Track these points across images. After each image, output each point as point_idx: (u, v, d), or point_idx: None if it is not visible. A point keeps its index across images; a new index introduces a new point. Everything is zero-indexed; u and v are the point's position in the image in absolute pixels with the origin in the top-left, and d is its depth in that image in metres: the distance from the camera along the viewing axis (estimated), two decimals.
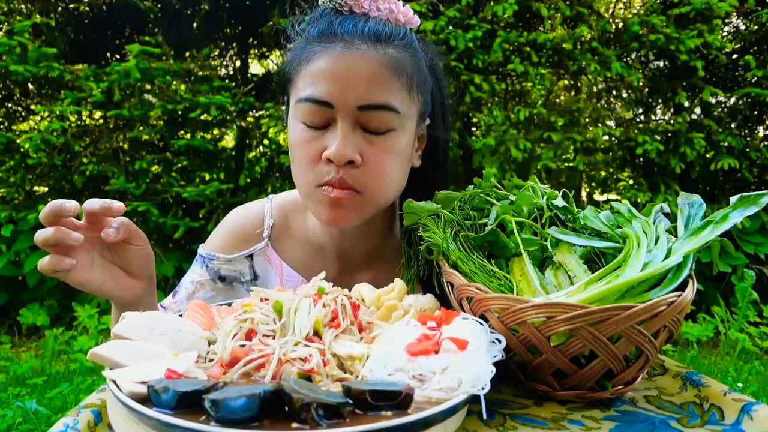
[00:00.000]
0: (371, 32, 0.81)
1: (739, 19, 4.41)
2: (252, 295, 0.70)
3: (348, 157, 0.78)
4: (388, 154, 0.83)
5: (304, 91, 0.81)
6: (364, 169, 0.81)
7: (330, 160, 0.79)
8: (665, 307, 0.58)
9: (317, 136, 0.81)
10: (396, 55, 0.82)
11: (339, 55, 0.79)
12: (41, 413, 2.25)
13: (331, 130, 0.81)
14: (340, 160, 0.79)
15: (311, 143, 0.81)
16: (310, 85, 0.80)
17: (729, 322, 3.50)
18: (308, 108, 0.80)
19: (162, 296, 4.05)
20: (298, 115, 0.83)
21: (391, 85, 0.80)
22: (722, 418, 0.60)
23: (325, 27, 0.83)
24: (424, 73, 0.87)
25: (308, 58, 0.82)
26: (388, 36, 0.82)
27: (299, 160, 0.84)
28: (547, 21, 4.07)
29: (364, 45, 0.80)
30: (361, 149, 0.80)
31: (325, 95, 0.79)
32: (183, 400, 0.48)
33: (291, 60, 0.86)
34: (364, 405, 0.49)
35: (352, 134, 0.80)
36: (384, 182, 0.84)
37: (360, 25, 0.82)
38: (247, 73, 5.14)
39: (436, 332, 0.60)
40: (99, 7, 4.80)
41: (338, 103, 0.79)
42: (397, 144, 0.83)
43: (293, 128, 0.84)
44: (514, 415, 0.61)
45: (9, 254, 3.81)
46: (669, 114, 4.54)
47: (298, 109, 0.82)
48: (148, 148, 4.27)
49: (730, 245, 0.71)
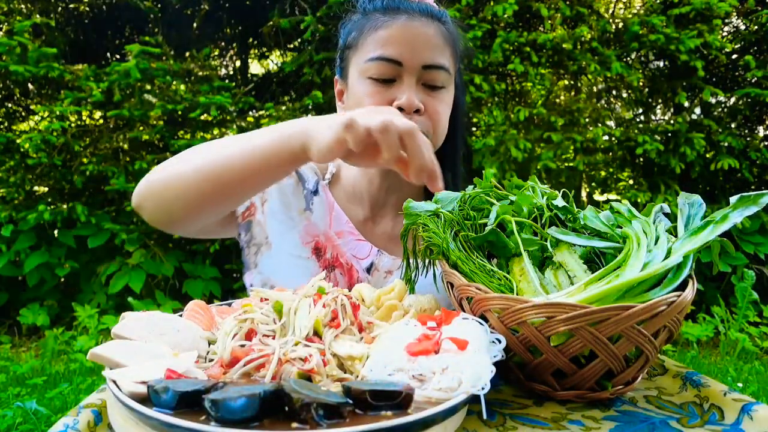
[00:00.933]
0: (427, 9, 0.99)
1: (739, 19, 4.41)
2: (252, 295, 0.71)
3: (416, 106, 0.94)
4: (443, 105, 1.00)
5: (374, 52, 0.96)
6: (426, 116, 0.97)
7: (401, 108, 0.94)
8: (665, 307, 0.58)
9: (385, 89, 0.96)
10: (444, 28, 1.00)
11: (405, 24, 0.96)
12: (41, 413, 2.25)
13: (397, 85, 0.96)
14: (410, 108, 0.94)
15: (380, 95, 0.96)
16: (381, 47, 0.95)
17: (729, 322, 3.50)
18: (379, 66, 0.95)
19: (162, 296, 4.05)
20: (367, 73, 0.97)
21: (444, 51, 0.98)
22: (722, 418, 0.60)
23: (389, 2, 1.00)
24: (459, 48, 1.06)
25: (375, 26, 0.97)
26: (438, 14, 1.01)
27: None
28: (547, 21, 4.07)
29: (423, 18, 0.97)
30: (423, 101, 0.96)
31: (396, 55, 0.94)
32: (183, 400, 0.48)
33: (353, 29, 1.02)
34: (364, 405, 0.49)
35: (416, 88, 0.96)
36: (440, 128, 1.01)
37: (416, 4, 0.99)
38: (247, 73, 5.14)
39: (436, 332, 0.60)
40: (99, 7, 4.80)
41: (407, 62, 0.95)
42: (447, 98, 1.01)
43: (360, 85, 0.98)
44: (514, 415, 0.61)
45: (9, 254, 3.81)
46: (669, 114, 4.54)
47: (368, 67, 0.96)
48: (148, 148, 4.27)
49: (730, 245, 0.71)
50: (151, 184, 0.91)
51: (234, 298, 2.13)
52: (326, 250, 1.05)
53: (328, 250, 1.05)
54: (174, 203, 0.88)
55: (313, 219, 1.07)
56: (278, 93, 4.86)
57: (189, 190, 0.86)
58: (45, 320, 3.77)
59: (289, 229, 1.06)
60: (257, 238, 1.06)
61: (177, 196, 0.87)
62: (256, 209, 1.06)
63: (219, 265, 4.16)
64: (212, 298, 3.93)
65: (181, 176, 0.87)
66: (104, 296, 3.85)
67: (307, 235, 1.06)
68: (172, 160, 0.91)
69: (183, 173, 0.87)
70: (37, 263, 3.76)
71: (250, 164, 0.82)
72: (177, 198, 0.87)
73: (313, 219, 1.07)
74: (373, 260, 1.06)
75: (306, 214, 1.08)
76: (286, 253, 1.05)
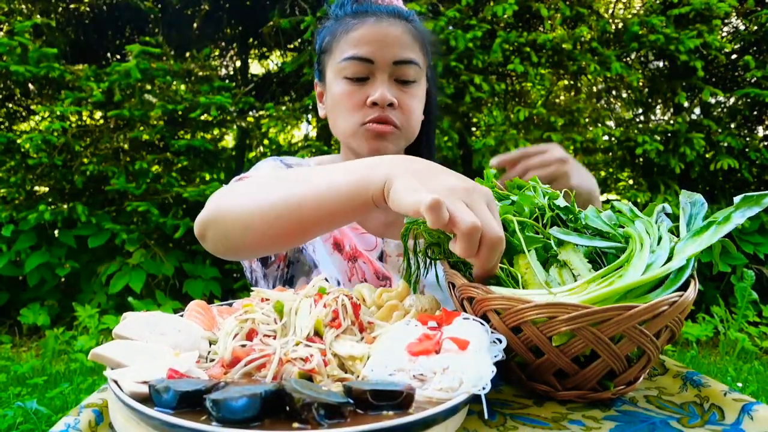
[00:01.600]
0: (394, 10, 1.05)
1: (739, 20, 4.41)
2: (252, 295, 0.71)
3: (389, 100, 0.99)
4: (415, 98, 1.05)
5: (347, 52, 1.01)
6: (399, 110, 1.02)
7: (375, 103, 0.99)
8: (667, 307, 0.58)
9: (359, 88, 1.01)
10: (412, 26, 1.05)
11: (373, 24, 1.01)
12: (42, 413, 2.25)
13: (370, 82, 1.01)
14: (383, 102, 0.99)
15: (355, 93, 1.01)
16: (353, 47, 1.01)
17: (728, 322, 3.50)
18: (352, 65, 1.00)
19: (162, 296, 4.05)
20: (342, 72, 1.02)
21: (413, 46, 1.03)
22: (722, 418, 0.60)
23: (357, 7, 1.06)
24: (427, 44, 1.10)
25: (347, 29, 1.03)
26: (405, 14, 1.07)
27: (346, 107, 1.02)
28: (547, 21, 4.08)
29: (391, 18, 1.03)
30: (396, 95, 1.01)
31: (368, 53, 1.00)
32: (184, 400, 0.48)
33: (326, 34, 1.08)
34: (365, 405, 0.49)
35: (389, 84, 1.01)
36: (412, 121, 1.05)
37: (384, 6, 1.06)
38: (247, 73, 5.14)
39: (436, 332, 0.60)
40: (99, 8, 4.81)
41: (377, 59, 1.00)
42: (419, 92, 1.06)
43: (336, 85, 1.03)
44: (515, 414, 0.61)
45: (9, 254, 3.81)
46: (669, 114, 4.54)
47: (343, 67, 1.02)
48: (148, 148, 4.27)
49: (731, 245, 0.71)
50: (216, 215, 0.83)
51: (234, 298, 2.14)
52: (344, 244, 1.07)
53: (345, 243, 1.07)
54: (240, 240, 0.81)
55: None
56: (278, 93, 4.87)
57: (256, 227, 0.78)
58: (45, 320, 3.77)
59: None
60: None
61: (244, 233, 0.80)
62: None
63: (219, 265, 4.17)
64: (212, 298, 3.94)
65: (250, 211, 0.79)
66: (104, 296, 3.85)
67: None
68: (238, 189, 0.84)
69: (251, 208, 0.79)
70: (37, 263, 3.76)
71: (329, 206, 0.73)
72: (244, 235, 0.80)
73: None
74: (382, 249, 1.09)
75: None
76: (318, 246, 1.08)
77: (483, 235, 0.60)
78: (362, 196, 0.69)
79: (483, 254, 0.61)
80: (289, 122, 4.24)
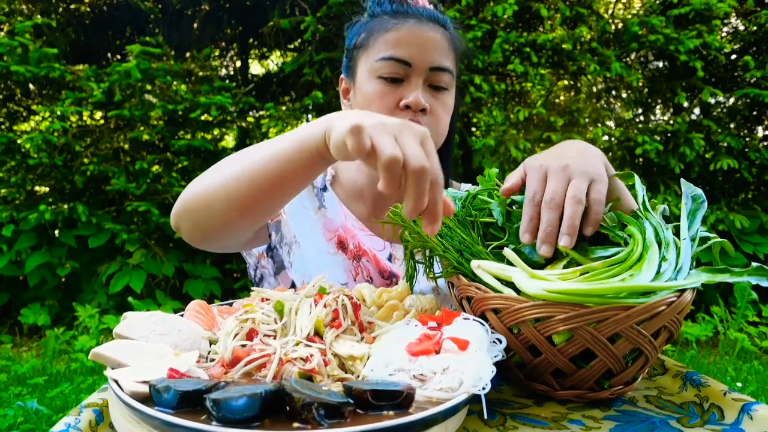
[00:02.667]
0: (432, 15, 1.04)
1: (738, 20, 4.41)
2: (253, 295, 0.71)
3: (423, 105, 0.98)
4: (445, 107, 1.05)
5: (385, 52, 1.00)
6: (430, 116, 1.01)
7: (407, 107, 0.98)
8: (665, 307, 0.59)
9: (393, 89, 1.00)
10: (448, 33, 1.05)
11: (414, 27, 1.00)
12: (42, 413, 2.25)
13: (405, 85, 1.00)
14: (417, 106, 0.98)
15: (389, 94, 1.00)
16: (391, 48, 0.99)
17: (728, 321, 3.50)
18: (390, 65, 0.99)
19: (162, 296, 4.05)
20: (377, 72, 1.00)
21: (449, 54, 1.03)
22: (722, 418, 0.61)
23: (398, 6, 1.04)
24: (460, 53, 1.11)
25: (386, 28, 1.01)
26: (443, 21, 1.06)
27: (377, 106, 1.00)
28: (547, 21, 4.08)
29: (431, 23, 1.02)
30: (428, 101, 1.00)
31: (406, 56, 0.99)
32: (184, 400, 0.48)
33: (362, 30, 1.06)
34: (365, 405, 0.49)
35: (423, 89, 1.00)
36: (440, 128, 1.05)
37: (422, 9, 1.05)
38: (248, 73, 5.14)
39: (436, 332, 0.61)
40: (100, 8, 4.81)
41: (416, 63, 0.99)
42: (450, 100, 1.06)
43: (369, 84, 1.01)
44: (515, 414, 0.61)
45: (10, 254, 3.81)
46: (668, 114, 4.54)
47: (379, 66, 1.00)
48: (148, 148, 4.27)
49: (730, 246, 0.71)
50: (184, 203, 0.85)
51: (234, 298, 2.14)
52: (348, 242, 1.07)
53: (349, 242, 1.07)
54: (208, 222, 0.83)
55: (329, 215, 1.10)
56: (278, 93, 4.87)
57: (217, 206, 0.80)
58: (46, 320, 3.77)
59: (311, 228, 1.08)
60: (287, 237, 1.08)
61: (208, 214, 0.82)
62: (281, 210, 1.07)
63: (219, 265, 4.17)
64: (213, 298, 3.94)
65: (211, 191, 0.81)
66: (105, 296, 3.85)
67: (327, 232, 1.08)
68: (204, 174, 0.86)
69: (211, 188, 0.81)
70: (37, 263, 3.76)
71: (278, 168, 0.74)
72: (209, 216, 0.82)
73: (329, 215, 1.10)
74: (390, 251, 1.08)
75: (321, 212, 1.10)
76: (315, 251, 1.06)
77: (405, 165, 0.58)
78: (307, 151, 0.71)
79: (408, 187, 0.59)
80: (289, 122, 4.24)
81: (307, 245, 1.07)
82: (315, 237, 1.07)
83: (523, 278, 0.62)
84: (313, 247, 1.06)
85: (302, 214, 1.09)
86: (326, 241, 1.07)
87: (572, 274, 0.62)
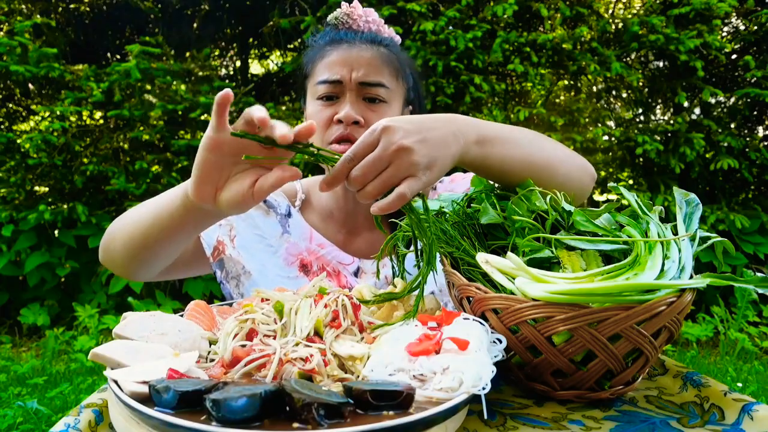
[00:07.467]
0: (367, 37, 1.12)
1: (739, 20, 4.41)
2: (252, 295, 0.71)
3: (353, 118, 1.03)
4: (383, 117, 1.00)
5: (320, 76, 1.08)
6: (365, 128, 1.01)
7: (340, 120, 1.03)
8: (665, 307, 0.58)
9: (328, 106, 1.07)
10: (386, 51, 1.11)
11: (344, 49, 1.08)
12: (42, 413, 2.25)
13: (339, 101, 1.07)
14: (348, 120, 1.03)
15: (324, 112, 1.06)
16: (325, 71, 1.08)
17: (728, 322, 3.50)
18: (324, 87, 1.07)
19: (162, 296, 4.05)
20: (316, 94, 1.08)
21: (382, 69, 1.08)
22: (722, 418, 0.60)
23: (333, 35, 1.13)
24: (405, 68, 1.15)
25: (322, 55, 1.10)
26: (379, 40, 1.12)
27: (318, 124, 1.04)
28: (547, 21, 4.08)
29: (364, 44, 1.10)
30: (362, 114, 1.05)
31: (336, 75, 1.06)
32: (184, 400, 0.48)
33: (307, 61, 1.15)
34: (365, 405, 0.49)
35: (356, 103, 1.05)
36: None
37: (359, 33, 1.12)
38: (248, 73, 5.14)
39: (436, 332, 0.61)
40: (99, 8, 4.80)
41: (345, 80, 1.06)
42: (389, 112, 1.09)
43: (312, 105, 1.10)
44: (515, 414, 0.61)
45: (9, 254, 3.81)
46: (669, 114, 4.54)
47: (316, 90, 1.08)
48: (148, 148, 4.27)
49: (731, 246, 0.71)
50: (104, 240, 0.99)
51: None
52: (312, 264, 1.11)
53: (313, 264, 1.11)
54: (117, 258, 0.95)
55: (293, 239, 1.13)
56: (278, 93, 4.86)
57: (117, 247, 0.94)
58: (45, 320, 3.77)
59: (270, 255, 1.11)
60: (233, 271, 1.11)
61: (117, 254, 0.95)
62: (225, 246, 1.11)
63: None
64: (212, 298, 3.93)
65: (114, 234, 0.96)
66: (104, 296, 3.85)
67: (290, 256, 1.12)
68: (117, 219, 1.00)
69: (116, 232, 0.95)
70: (37, 263, 3.76)
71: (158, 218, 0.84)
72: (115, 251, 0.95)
73: (293, 239, 1.13)
74: (359, 265, 1.11)
75: (285, 237, 1.13)
76: (273, 275, 1.09)
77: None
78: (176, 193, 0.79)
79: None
80: (289, 122, 4.24)
81: (263, 272, 1.10)
82: (274, 262, 1.10)
83: (525, 282, 0.62)
84: (272, 272, 1.10)
85: (258, 243, 1.12)
86: (287, 266, 1.11)
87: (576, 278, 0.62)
